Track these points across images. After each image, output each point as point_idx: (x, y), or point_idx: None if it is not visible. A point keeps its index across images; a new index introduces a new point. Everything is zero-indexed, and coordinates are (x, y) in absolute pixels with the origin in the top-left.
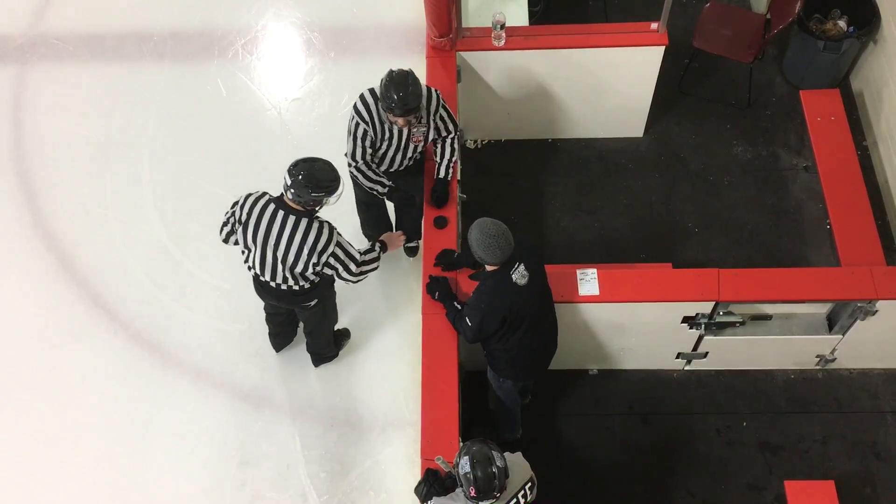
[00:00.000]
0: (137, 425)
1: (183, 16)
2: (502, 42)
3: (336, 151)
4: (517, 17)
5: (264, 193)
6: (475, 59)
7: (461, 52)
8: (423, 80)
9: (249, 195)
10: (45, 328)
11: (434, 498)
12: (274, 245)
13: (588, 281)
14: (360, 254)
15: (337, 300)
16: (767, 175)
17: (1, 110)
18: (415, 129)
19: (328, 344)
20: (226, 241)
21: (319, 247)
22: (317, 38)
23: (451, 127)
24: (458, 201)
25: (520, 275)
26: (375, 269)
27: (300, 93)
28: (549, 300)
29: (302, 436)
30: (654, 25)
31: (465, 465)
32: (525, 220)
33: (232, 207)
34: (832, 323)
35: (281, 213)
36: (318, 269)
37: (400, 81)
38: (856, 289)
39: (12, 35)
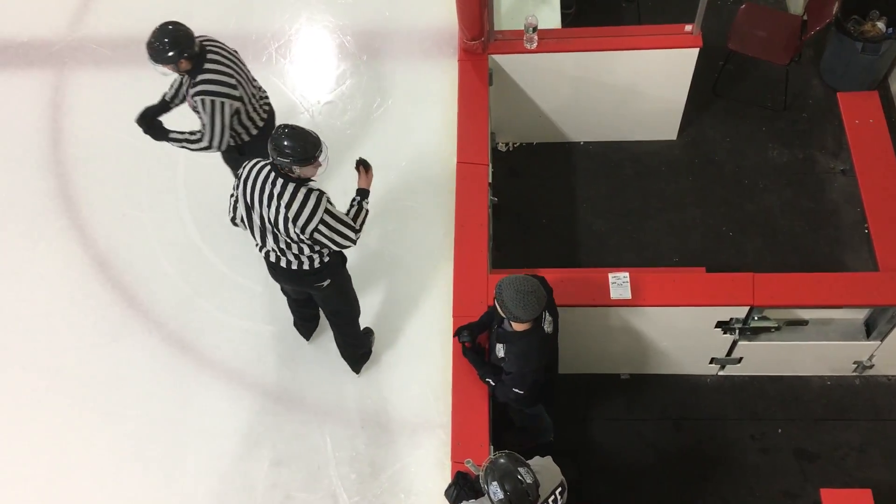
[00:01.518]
0: (171, 425)
1: (218, 20)
2: (534, 45)
3: (369, 153)
4: (549, 19)
5: (267, 160)
6: (507, 62)
7: (493, 55)
8: (454, 83)
9: (252, 160)
10: (81, 328)
11: (464, 501)
12: (271, 208)
13: (620, 284)
14: (352, 219)
15: (364, 302)
16: (804, 178)
17: (40, 114)
18: (189, 89)
19: (357, 336)
20: (233, 220)
21: (305, 214)
22: (349, 42)
23: (203, 116)
24: (489, 204)
25: (548, 324)
26: (366, 215)
27: (332, 96)
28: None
29: (332, 437)
30: (688, 27)
31: (496, 491)
32: (556, 224)
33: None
34: (870, 329)
35: (273, 175)
36: (306, 236)
37: (156, 30)
38: (894, 294)
39: (52, 40)
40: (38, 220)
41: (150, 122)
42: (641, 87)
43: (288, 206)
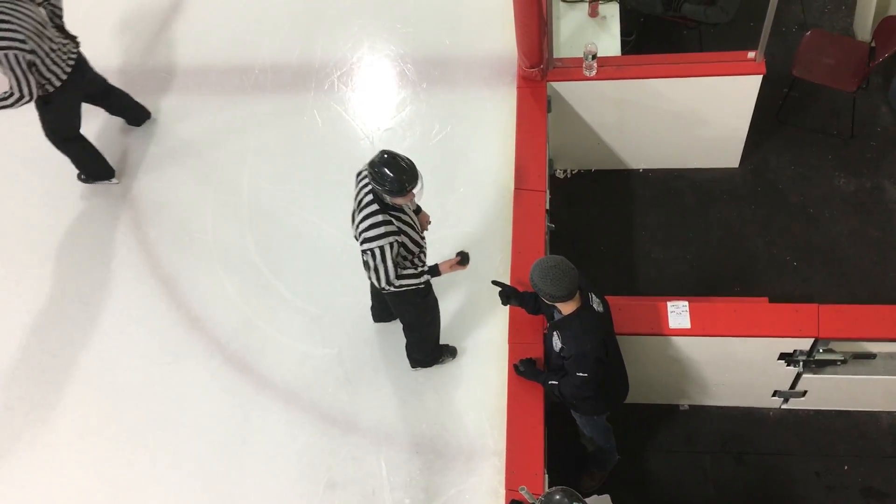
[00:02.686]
0: (229, 445)
1: (283, 49)
2: (594, 72)
3: (428, 179)
4: (609, 47)
5: None
6: (566, 90)
7: (552, 83)
8: (513, 110)
9: (368, 163)
10: (146, 347)
11: None
12: (357, 211)
13: (679, 314)
14: (398, 274)
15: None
16: (872, 208)
17: (112, 139)
18: None
19: (418, 345)
20: None
21: (366, 235)
22: (409, 70)
23: (5, 72)
24: (546, 231)
25: (597, 302)
26: (415, 286)
27: (392, 123)
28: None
29: (387, 461)
30: (751, 54)
31: None
32: (615, 251)
33: None
34: None
35: (369, 187)
36: (360, 248)
37: None
38: None
39: (124, 69)
40: (107, 242)
41: None
42: (703, 115)
43: (363, 219)
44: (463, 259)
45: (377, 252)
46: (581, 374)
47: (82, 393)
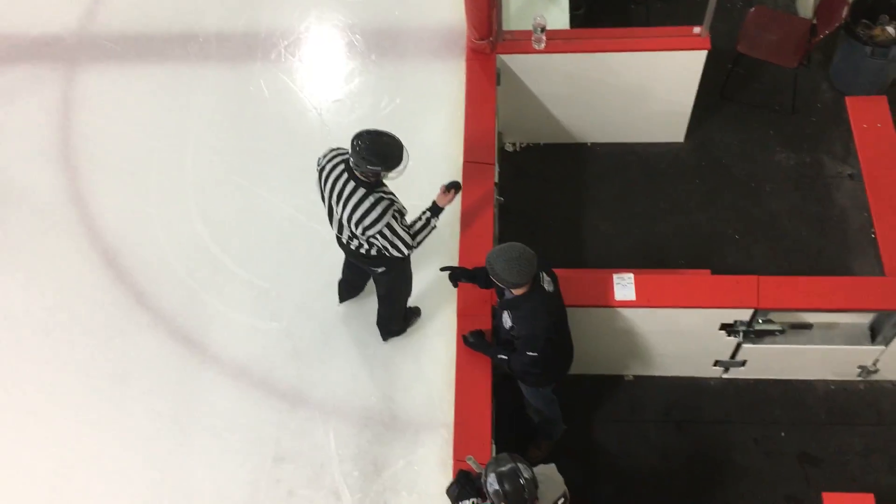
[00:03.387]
0: (177, 421)
1: (228, 18)
2: (542, 45)
3: None
4: (558, 20)
5: (345, 152)
6: (515, 62)
7: (501, 55)
8: (462, 83)
9: (332, 150)
10: (88, 322)
11: (465, 500)
12: (339, 205)
13: (625, 286)
14: (411, 234)
15: (369, 300)
16: (811, 182)
17: (51, 109)
18: None
19: (396, 316)
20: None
21: (367, 222)
22: (358, 41)
23: None
24: (495, 204)
25: (548, 283)
26: (431, 232)
27: (341, 94)
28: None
29: (336, 435)
30: (696, 29)
31: (492, 482)
32: (563, 225)
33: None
34: (875, 333)
35: (345, 176)
36: (364, 238)
37: None
38: None
39: (62, 36)
40: (47, 214)
41: None
42: (649, 89)
43: (354, 209)
44: (456, 188)
45: (386, 231)
46: (531, 354)
47: (21, 369)
